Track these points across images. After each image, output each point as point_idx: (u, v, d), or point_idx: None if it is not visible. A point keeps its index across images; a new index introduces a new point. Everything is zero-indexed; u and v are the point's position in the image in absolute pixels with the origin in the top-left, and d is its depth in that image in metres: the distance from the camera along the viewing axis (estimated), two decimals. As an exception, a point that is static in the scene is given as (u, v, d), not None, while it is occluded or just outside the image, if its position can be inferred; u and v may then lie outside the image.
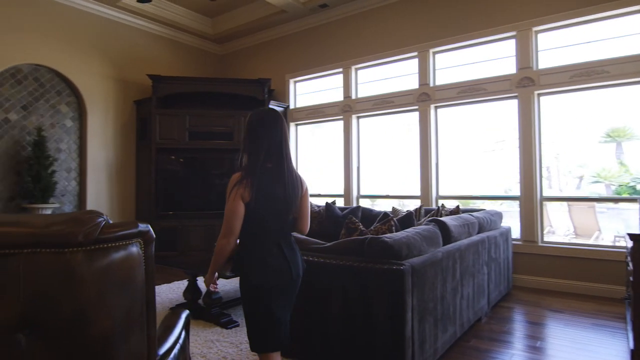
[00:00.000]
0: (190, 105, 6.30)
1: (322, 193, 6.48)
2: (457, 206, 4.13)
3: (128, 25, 6.30)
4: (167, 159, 6.14)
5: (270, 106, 6.19)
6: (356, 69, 6.05)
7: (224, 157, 6.37)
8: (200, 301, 3.54)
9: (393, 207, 4.72)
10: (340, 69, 6.14)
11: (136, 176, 6.40)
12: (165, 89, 6.12)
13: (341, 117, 6.13)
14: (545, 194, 4.65)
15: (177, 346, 1.69)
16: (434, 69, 5.34)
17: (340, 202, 6.14)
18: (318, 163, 6.63)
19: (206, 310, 3.40)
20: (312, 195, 6.56)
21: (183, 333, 1.83)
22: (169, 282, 4.68)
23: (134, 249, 1.20)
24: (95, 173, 5.90)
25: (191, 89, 6.21)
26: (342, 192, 6.16)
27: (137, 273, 1.20)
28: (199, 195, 6.27)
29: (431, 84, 5.30)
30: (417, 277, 2.27)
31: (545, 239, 4.58)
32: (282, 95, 6.81)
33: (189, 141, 6.13)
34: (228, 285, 4.35)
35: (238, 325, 3.27)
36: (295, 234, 2.11)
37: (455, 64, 5.23)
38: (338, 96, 6.24)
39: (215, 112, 6.20)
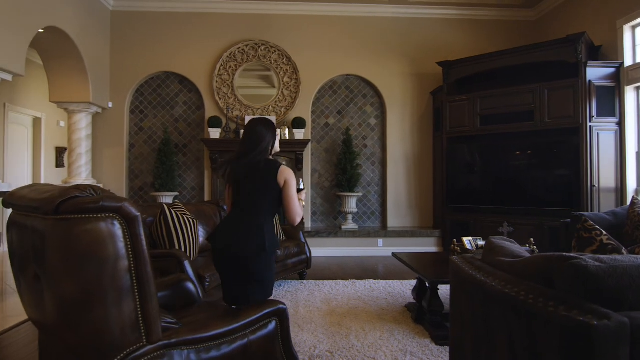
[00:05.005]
0: (483, 86, 5.61)
1: (682, 187, 4.19)
2: None
3: (420, 18, 6.34)
4: (458, 148, 5.75)
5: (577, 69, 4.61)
6: None
7: (522, 143, 5.29)
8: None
9: None
10: None
11: (433, 168, 6.37)
12: (456, 73, 5.74)
13: None
14: None
15: (242, 341, 1.58)
16: None
17: None
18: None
19: (426, 316, 2.96)
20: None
21: (267, 329, 1.69)
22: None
23: (107, 225, 1.21)
24: (394, 165, 6.33)
25: (482, 68, 5.51)
26: None
27: (109, 247, 1.21)
28: (493, 188, 5.51)
29: None
30: (658, 351, 1.08)
31: None
32: (613, 50, 4.89)
33: (480, 127, 5.50)
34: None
35: (453, 344, 2.65)
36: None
37: None
38: None
39: (509, 89, 5.24)
